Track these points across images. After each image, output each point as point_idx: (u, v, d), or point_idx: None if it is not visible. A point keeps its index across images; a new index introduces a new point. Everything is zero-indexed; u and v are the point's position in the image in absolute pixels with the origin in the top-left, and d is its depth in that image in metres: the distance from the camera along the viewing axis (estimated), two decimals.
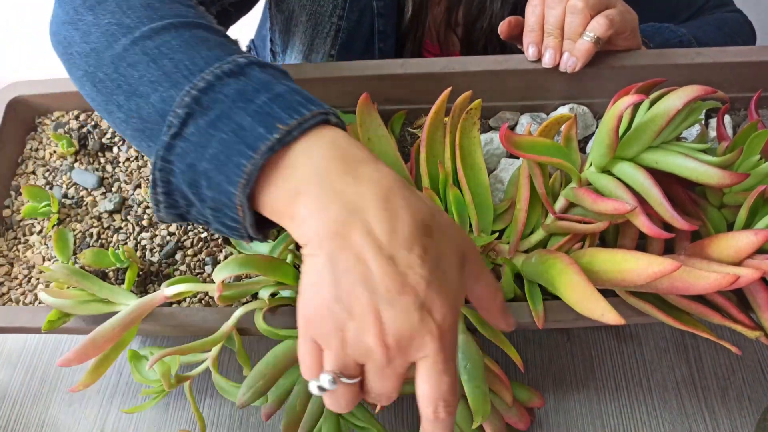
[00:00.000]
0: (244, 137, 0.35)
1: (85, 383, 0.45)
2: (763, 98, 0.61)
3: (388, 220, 0.32)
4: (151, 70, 0.40)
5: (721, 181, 0.40)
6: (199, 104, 0.37)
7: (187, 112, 0.37)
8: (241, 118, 0.36)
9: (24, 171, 0.59)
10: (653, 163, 0.42)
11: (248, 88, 0.37)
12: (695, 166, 0.41)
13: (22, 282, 0.54)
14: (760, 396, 0.58)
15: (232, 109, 0.36)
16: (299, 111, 0.36)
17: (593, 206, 0.43)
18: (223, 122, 0.36)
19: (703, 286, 0.39)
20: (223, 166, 0.36)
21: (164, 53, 0.40)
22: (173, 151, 0.37)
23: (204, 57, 0.40)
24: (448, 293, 0.32)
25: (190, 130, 0.37)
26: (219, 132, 0.36)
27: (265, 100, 0.37)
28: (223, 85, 0.37)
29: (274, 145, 0.35)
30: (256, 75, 0.38)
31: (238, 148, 0.35)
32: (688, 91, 0.41)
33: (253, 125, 0.35)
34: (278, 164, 0.35)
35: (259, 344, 0.61)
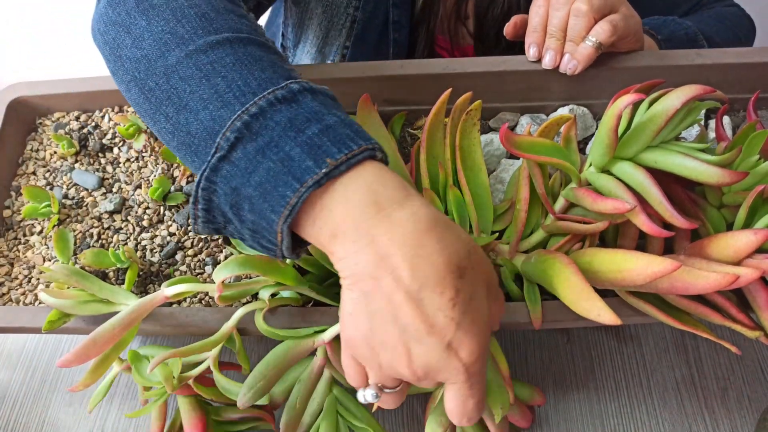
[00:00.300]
0: (292, 168, 0.35)
1: (85, 383, 0.45)
2: (761, 99, 0.61)
3: (418, 266, 0.33)
4: (204, 87, 0.40)
5: (720, 179, 0.40)
6: (249, 129, 0.37)
7: (237, 136, 0.37)
8: (290, 148, 0.36)
9: (24, 171, 0.59)
10: (652, 162, 0.42)
11: (299, 117, 0.37)
12: (694, 165, 0.41)
13: (22, 282, 0.54)
14: (760, 396, 0.58)
15: (282, 137, 0.36)
16: (348, 145, 0.36)
17: (593, 206, 0.43)
18: (272, 150, 0.36)
19: (702, 285, 0.39)
20: (267, 195, 0.36)
21: (217, 70, 0.40)
22: (219, 173, 0.37)
23: (257, 79, 0.39)
24: (478, 329, 0.34)
25: (238, 155, 0.37)
26: (267, 160, 0.36)
27: (316, 131, 0.36)
28: (274, 111, 0.37)
29: (321, 179, 0.35)
30: (308, 103, 0.38)
31: (284, 179, 0.35)
32: (686, 91, 0.41)
33: (302, 156, 0.35)
34: (320, 199, 0.35)
35: (259, 344, 0.61)
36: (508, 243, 0.50)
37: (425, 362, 0.34)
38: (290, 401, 0.48)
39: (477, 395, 0.36)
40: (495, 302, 0.37)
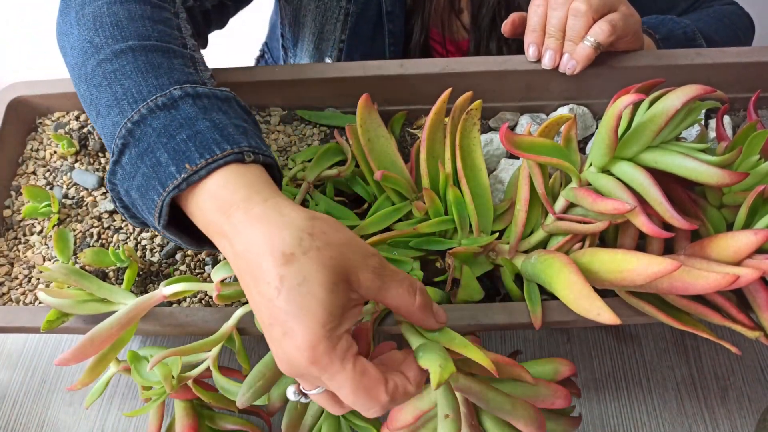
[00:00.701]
0: (159, 174, 0.38)
1: (83, 382, 0.45)
2: (762, 99, 0.61)
3: (247, 262, 0.34)
4: (107, 95, 0.43)
5: (720, 180, 0.40)
6: (132, 136, 0.40)
7: (123, 143, 0.40)
8: (161, 153, 0.39)
9: (24, 171, 0.59)
10: (653, 162, 0.42)
11: (174, 123, 0.40)
12: (695, 165, 0.41)
13: (22, 282, 0.54)
14: (760, 396, 0.58)
15: (156, 143, 0.39)
16: (211, 150, 0.38)
17: (593, 206, 0.43)
18: (147, 156, 0.39)
19: (702, 286, 0.39)
20: (143, 198, 0.39)
21: (118, 79, 0.43)
22: (115, 176, 0.41)
23: (149, 86, 0.42)
24: (310, 314, 0.32)
25: (125, 159, 0.40)
26: (143, 165, 0.39)
27: (184, 137, 0.39)
28: (153, 118, 0.40)
29: (180, 184, 0.37)
30: (186, 109, 0.40)
31: (153, 184, 0.39)
32: (686, 91, 0.41)
33: (168, 162, 0.38)
34: (189, 201, 0.38)
35: (259, 344, 0.61)
36: (508, 243, 0.50)
37: (277, 356, 0.34)
38: (290, 403, 0.48)
39: (342, 386, 0.33)
40: (384, 290, 0.36)
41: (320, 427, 0.49)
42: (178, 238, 0.41)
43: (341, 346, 0.33)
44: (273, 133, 0.61)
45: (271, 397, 0.48)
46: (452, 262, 0.48)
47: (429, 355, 0.37)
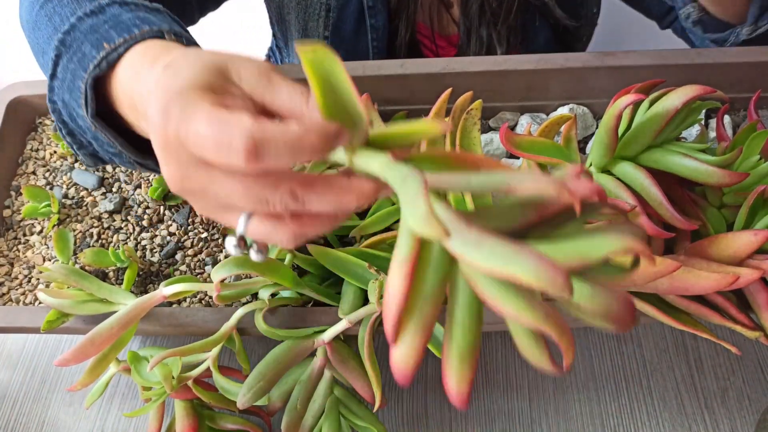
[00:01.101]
0: (83, 62, 0.40)
1: (83, 383, 0.45)
2: (762, 98, 0.61)
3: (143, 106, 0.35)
4: (49, 28, 0.45)
5: (720, 180, 0.40)
6: (64, 45, 0.42)
7: (56, 54, 0.42)
8: (86, 47, 0.40)
9: (24, 171, 0.59)
10: (653, 162, 0.42)
11: (100, 22, 0.41)
12: (695, 165, 0.41)
13: (22, 282, 0.54)
14: (760, 396, 0.58)
15: (83, 42, 0.41)
16: (131, 31, 0.39)
17: None
18: (76, 55, 0.41)
19: (702, 286, 0.39)
20: (72, 92, 0.41)
21: (56, 11, 0.45)
22: (53, 91, 0.43)
23: (83, 7, 0.43)
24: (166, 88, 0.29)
25: (59, 69, 0.42)
26: (71, 63, 0.41)
27: (107, 28, 0.40)
28: (81, 23, 0.42)
29: (99, 62, 0.38)
30: (111, 11, 0.42)
31: (79, 73, 0.40)
32: (687, 91, 0.41)
33: (90, 50, 0.40)
34: (114, 81, 0.38)
35: (259, 344, 0.61)
36: None
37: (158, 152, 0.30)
38: (291, 403, 0.48)
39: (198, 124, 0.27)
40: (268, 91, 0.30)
41: (320, 427, 0.49)
42: (110, 135, 0.40)
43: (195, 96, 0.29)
44: None
45: (272, 398, 0.48)
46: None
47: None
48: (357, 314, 0.46)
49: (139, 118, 0.37)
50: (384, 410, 0.58)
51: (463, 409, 0.34)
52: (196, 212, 0.35)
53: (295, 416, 0.48)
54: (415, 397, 0.59)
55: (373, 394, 0.46)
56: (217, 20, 0.80)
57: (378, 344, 0.62)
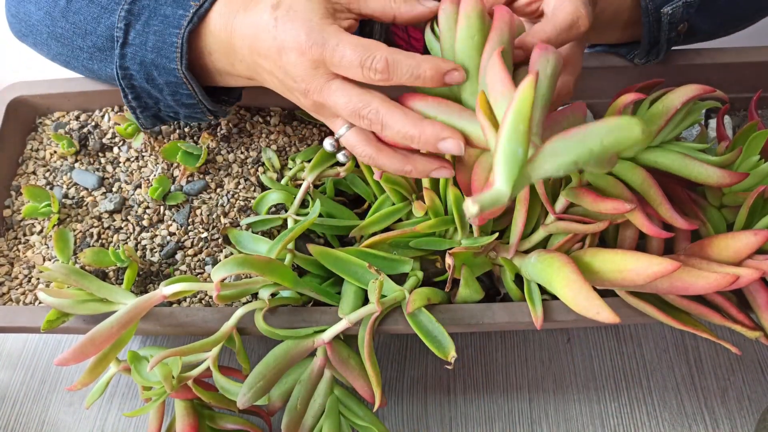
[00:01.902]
0: (170, 22, 0.45)
1: (83, 382, 0.45)
2: (762, 98, 0.61)
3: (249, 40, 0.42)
4: (92, 9, 0.50)
5: (720, 180, 0.40)
6: (131, 14, 0.47)
7: (126, 23, 0.47)
8: (164, 9, 0.46)
9: (24, 171, 0.59)
10: (653, 162, 0.42)
11: None
12: (695, 165, 0.41)
13: (22, 282, 0.54)
14: (760, 396, 0.58)
15: (156, 6, 0.47)
16: None
17: (593, 206, 0.43)
18: (153, 19, 0.46)
19: (702, 286, 0.39)
20: (162, 50, 0.46)
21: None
22: (126, 57, 0.48)
23: None
24: (295, 24, 0.39)
25: (132, 36, 0.47)
26: (152, 27, 0.46)
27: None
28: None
29: (192, 18, 0.45)
30: None
31: (168, 31, 0.45)
32: (686, 91, 0.41)
33: (174, 11, 0.45)
34: (206, 33, 0.45)
35: (259, 344, 0.61)
36: (508, 243, 0.50)
37: (289, 88, 0.42)
38: (291, 403, 0.48)
39: (344, 55, 0.38)
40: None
41: (320, 427, 0.49)
42: (194, 86, 0.47)
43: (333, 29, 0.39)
44: (273, 133, 0.61)
45: (272, 397, 0.49)
46: (452, 262, 0.48)
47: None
48: (357, 314, 0.46)
49: (234, 62, 0.44)
50: (384, 410, 0.58)
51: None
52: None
53: (295, 416, 0.48)
54: (415, 397, 0.59)
55: (373, 394, 0.46)
56: None
57: (378, 344, 0.62)
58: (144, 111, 0.51)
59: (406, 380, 0.60)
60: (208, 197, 0.57)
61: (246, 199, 0.57)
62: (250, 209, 0.56)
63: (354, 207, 0.57)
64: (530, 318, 0.47)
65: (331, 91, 0.39)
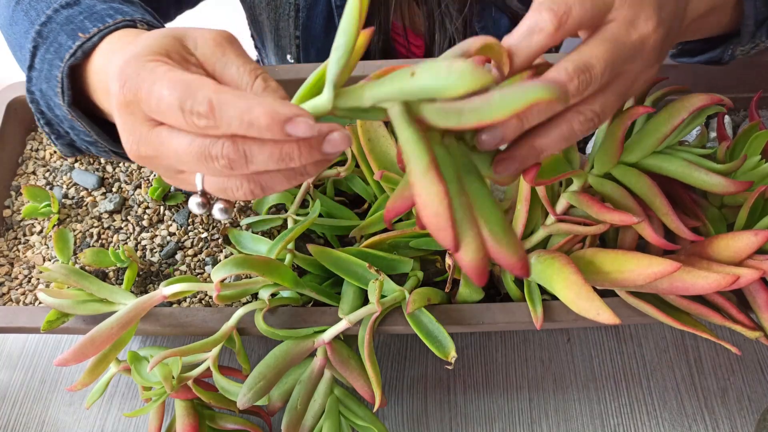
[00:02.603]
0: (59, 52, 0.41)
1: (83, 383, 0.45)
2: (763, 99, 0.61)
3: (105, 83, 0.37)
4: (25, 23, 0.46)
5: (725, 189, 0.40)
6: (41, 36, 0.43)
7: (34, 45, 0.43)
8: (62, 37, 0.41)
9: (24, 171, 0.59)
10: (657, 168, 0.42)
11: (74, 13, 0.43)
12: (700, 174, 0.41)
13: (22, 282, 0.54)
14: (760, 396, 0.58)
15: (59, 33, 0.42)
16: (105, 21, 0.41)
17: (599, 215, 0.43)
18: (52, 46, 0.42)
19: (702, 286, 0.39)
20: (49, 81, 0.42)
21: (32, 5, 0.46)
22: (31, 82, 0.44)
23: (59, 1, 0.44)
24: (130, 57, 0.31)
25: (37, 60, 0.43)
26: (48, 54, 0.42)
27: (82, 18, 0.42)
28: (57, 15, 0.43)
29: (75, 51, 0.40)
30: (86, 2, 0.43)
31: (55, 63, 0.41)
32: (693, 101, 0.40)
33: (66, 41, 0.41)
34: (89, 70, 0.40)
35: (259, 344, 0.61)
36: None
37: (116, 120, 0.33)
38: (291, 403, 0.48)
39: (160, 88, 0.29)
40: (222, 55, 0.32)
41: (320, 427, 0.49)
42: (86, 123, 0.42)
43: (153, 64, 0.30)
44: None
45: (272, 398, 0.49)
46: (452, 262, 0.48)
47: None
48: (357, 314, 0.46)
49: (110, 100, 0.36)
50: (384, 410, 0.58)
51: (525, 275, 0.28)
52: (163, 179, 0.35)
53: (295, 416, 0.48)
54: (415, 397, 0.59)
55: (373, 394, 0.46)
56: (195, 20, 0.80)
57: (378, 344, 0.62)
58: (58, 138, 0.46)
59: (406, 380, 0.60)
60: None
61: (246, 200, 0.57)
62: (250, 209, 0.56)
63: (354, 207, 0.57)
64: (530, 318, 0.47)
65: (161, 139, 0.30)
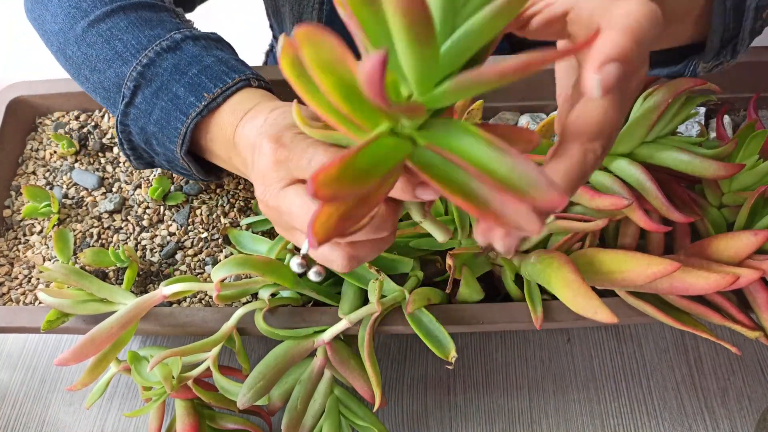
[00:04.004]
0: (179, 105, 0.44)
1: (83, 382, 0.45)
2: (762, 98, 0.61)
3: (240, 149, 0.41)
4: (106, 50, 0.48)
5: (717, 172, 0.40)
6: (143, 78, 0.46)
7: (135, 84, 0.46)
8: (177, 88, 0.44)
9: (24, 171, 0.59)
10: (648, 158, 0.42)
11: (183, 61, 0.45)
12: (690, 158, 0.41)
13: (22, 282, 0.54)
14: (760, 396, 0.58)
15: (170, 81, 0.45)
16: (223, 80, 0.44)
17: (591, 203, 0.43)
18: (163, 92, 0.45)
19: (702, 286, 0.39)
20: (164, 129, 0.45)
21: (115, 35, 0.48)
22: (128, 116, 0.47)
23: (147, 36, 0.47)
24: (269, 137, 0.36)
25: (139, 100, 0.46)
26: (160, 101, 0.45)
27: (196, 72, 0.45)
28: (162, 60, 0.46)
29: (201, 110, 0.43)
30: (189, 49, 0.46)
31: (175, 114, 0.44)
32: (676, 84, 0.40)
33: (186, 95, 0.44)
34: (211, 123, 0.44)
35: (259, 344, 0.61)
36: None
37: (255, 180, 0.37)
38: (291, 403, 0.48)
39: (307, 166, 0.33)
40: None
41: (321, 427, 0.49)
42: (191, 166, 0.47)
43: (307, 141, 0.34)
44: None
45: (272, 397, 0.49)
46: (452, 262, 0.48)
47: None
48: (357, 314, 0.46)
49: (233, 157, 0.43)
50: (384, 410, 0.58)
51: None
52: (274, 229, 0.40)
53: (295, 416, 0.48)
54: (415, 397, 0.59)
55: (373, 394, 0.46)
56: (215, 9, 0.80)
57: (378, 344, 0.62)
58: (138, 159, 0.51)
59: (406, 380, 0.60)
60: (207, 197, 0.57)
61: (246, 199, 0.57)
62: (250, 209, 0.56)
63: None
64: (530, 318, 0.47)
65: (288, 195, 0.34)
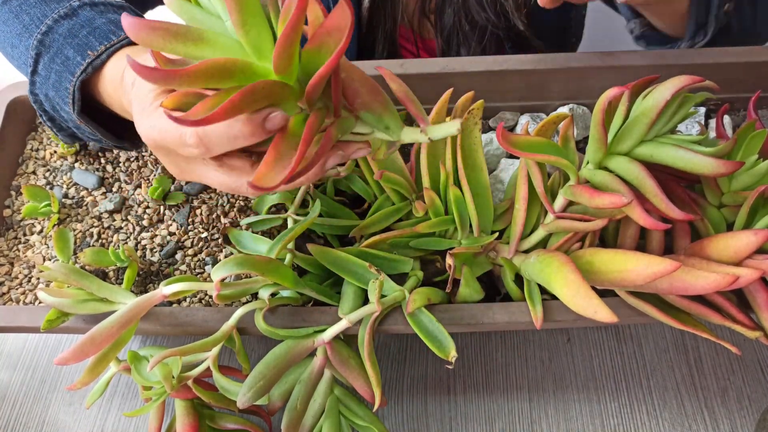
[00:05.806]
0: (69, 66, 0.47)
1: (83, 382, 0.45)
2: (762, 98, 0.61)
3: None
4: (16, 25, 0.51)
5: (716, 170, 0.40)
6: (43, 45, 0.48)
7: (36, 53, 0.48)
8: (68, 51, 0.47)
9: (24, 171, 0.59)
10: (648, 156, 0.42)
11: (75, 26, 0.48)
12: (689, 156, 0.40)
13: (22, 282, 0.54)
14: (760, 396, 0.58)
15: (63, 45, 0.47)
16: (109, 38, 0.46)
17: (590, 201, 0.43)
18: (58, 56, 0.47)
19: (702, 286, 0.39)
20: (59, 91, 0.48)
21: (24, 9, 0.51)
22: (35, 85, 0.49)
23: (52, 9, 0.49)
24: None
25: (40, 67, 0.48)
26: (55, 65, 0.47)
27: (85, 33, 0.47)
28: (58, 26, 0.48)
29: (86, 68, 0.46)
30: (85, 14, 0.48)
31: (65, 75, 0.47)
32: (675, 82, 0.40)
33: (74, 56, 0.47)
34: (104, 80, 0.46)
35: (259, 344, 0.61)
36: (508, 243, 0.50)
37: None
38: (291, 402, 0.48)
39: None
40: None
41: (320, 426, 0.49)
42: (93, 128, 0.48)
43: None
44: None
45: (272, 397, 0.49)
46: (452, 262, 0.48)
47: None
48: (357, 314, 0.46)
49: (122, 98, 0.44)
50: (384, 410, 0.58)
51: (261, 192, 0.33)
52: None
53: (295, 416, 0.48)
54: (415, 397, 0.59)
55: (373, 394, 0.46)
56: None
57: (378, 344, 0.62)
58: (60, 131, 0.53)
59: (406, 380, 0.60)
60: (208, 197, 0.57)
61: (246, 199, 0.57)
62: (250, 209, 0.56)
63: (354, 207, 0.57)
64: (530, 318, 0.47)
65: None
